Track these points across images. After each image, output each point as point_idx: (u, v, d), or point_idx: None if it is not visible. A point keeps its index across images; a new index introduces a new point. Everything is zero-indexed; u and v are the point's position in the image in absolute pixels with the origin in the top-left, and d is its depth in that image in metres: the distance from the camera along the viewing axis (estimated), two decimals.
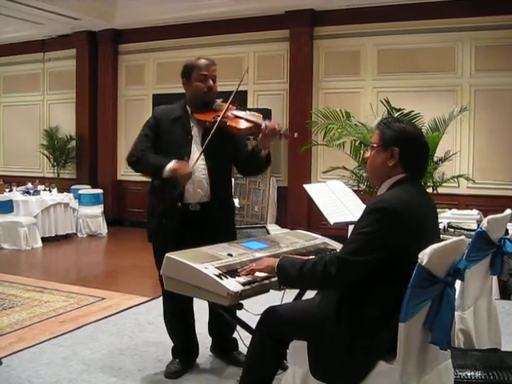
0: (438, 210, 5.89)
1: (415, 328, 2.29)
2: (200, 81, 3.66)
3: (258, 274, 2.73)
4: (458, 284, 2.73)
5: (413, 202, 2.46)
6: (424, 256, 2.19)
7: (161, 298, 5.35)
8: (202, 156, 3.59)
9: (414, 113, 6.31)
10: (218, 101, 3.75)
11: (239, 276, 2.73)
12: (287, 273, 2.56)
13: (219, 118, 3.54)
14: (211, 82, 3.67)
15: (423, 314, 2.31)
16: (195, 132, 3.71)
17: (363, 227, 2.42)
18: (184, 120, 3.72)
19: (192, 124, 3.72)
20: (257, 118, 3.64)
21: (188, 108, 3.75)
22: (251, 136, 3.85)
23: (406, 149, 2.55)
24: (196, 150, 3.64)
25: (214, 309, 3.85)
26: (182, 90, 3.79)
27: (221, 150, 3.62)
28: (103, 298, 5.87)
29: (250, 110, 3.81)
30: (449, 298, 2.33)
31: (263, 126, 3.50)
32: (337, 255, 2.43)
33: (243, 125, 3.59)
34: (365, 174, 6.07)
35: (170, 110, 3.81)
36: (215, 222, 3.69)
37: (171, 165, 3.49)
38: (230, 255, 2.96)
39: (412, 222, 2.38)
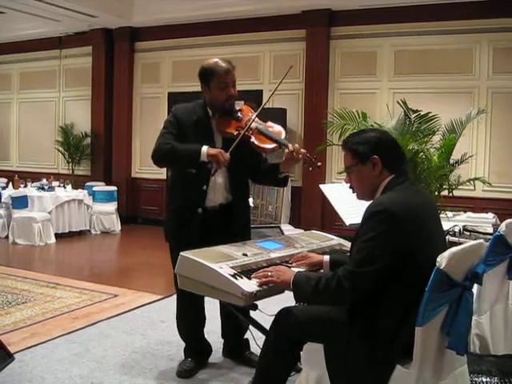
0: (454, 213, 5.87)
1: (432, 332, 2.27)
2: (220, 89, 3.54)
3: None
4: (474, 288, 2.69)
5: (410, 200, 2.47)
6: (442, 259, 2.17)
7: (174, 296, 5.36)
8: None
9: (430, 114, 6.26)
10: (240, 104, 3.70)
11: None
12: (302, 290, 2.56)
13: (242, 132, 3.48)
14: (232, 91, 3.58)
15: (440, 318, 2.28)
16: (217, 137, 3.66)
17: (365, 234, 2.41)
18: (206, 124, 3.65)
19: (214, 129, 3.66)
20: (279, 135, 3.59)
21: (209, 110, 3.68)
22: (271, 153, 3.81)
23: (383, 153, 2.58)
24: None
25: (226, 311, 3.83)
26: (198, 89, 3.75)
27: (240, 157, 3.56)
28: (116, 295, 5.88)
29: (266, 109, 3.74)
30: (467, 303, 2.31)
31: (290, 148, 3.45)
32: (347, 269, 2.41)
33: (268, 145, 3.53)
34: None
35: (191, 111, 3.71)
36: (231, 220, 3.69)
37: (207, 148, 3.44)
38: (245, 255, 2.94)
39: (411, 220, 2.38)
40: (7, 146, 13.14)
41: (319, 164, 3.55)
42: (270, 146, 3.53)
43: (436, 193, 5.99)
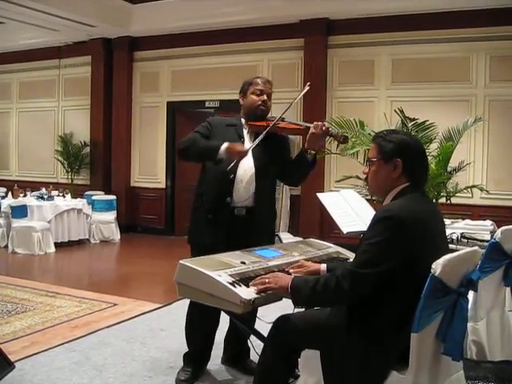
0: (452, 221, 5.90)
1: (428, 338, 2.29)
2: (255, 94, 3.83)
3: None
4: (470, 295, 2.72)
5: (419, 210, 2.48)
6: (437, 266, 2.19)
7: (173, 305, 5.38)
8: (252, 158, 3.73)
9: (428, 122, 6.29)
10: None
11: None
12: (300, 293, 2.56)
13: (272, 124, 3.68)
14: (265, 97, 3.84)
15: (436, 324, 2.31)
16: (247, 136, 3.85)
17: (372, 237, 2.43)
18: (237, 126, 3.88)
19: (244, 131, 3.87)
20: (306, 122, 3.85)
21: (242, 119, 3.91)
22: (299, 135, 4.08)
23: (408, 159, 2.58)
24: (248, 153, 3.71)
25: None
26: (197, 98, 3.86)
27: (269, 155, 3.77)
28: (115, 304, 5.89)
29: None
30: (461, 309, 2.33)
31: (314, 124, 3.62)
32: (348, 269, 2.43)
33: (294, 126, 3.83)
34: None
35: (225, 119, 4.00)
36: (257, 229, 3.75)
37: (226, 145, 3.60)
38: (244, 263, 2.96)
39: (419, 229, 2.39)
40: (6, 155, 13.16)
41: (345, 135, 3.73)
42: (296, 126, 3.84)
43: (434, 200, 6.02)
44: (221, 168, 3.65)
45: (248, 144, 3.76)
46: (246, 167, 3.74)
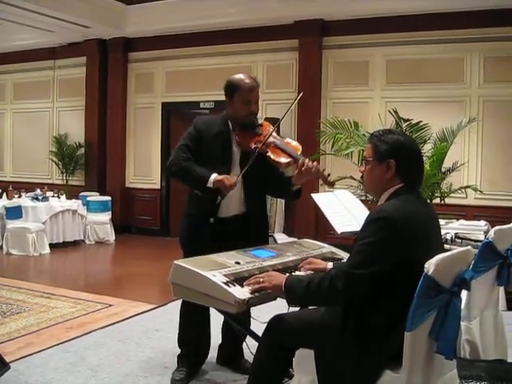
0: (446, 221, 5.92)
1: (421, 337, 2.30)
2: (243, 104, 3.67)
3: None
4: (464, 294, 2.72)
5: (412, 210, 2.49)
6: (430, 266, 2.20)
7: (168, 305, 5.38)
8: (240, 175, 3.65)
9: (422, 123, 6.32)
10: (260, 119, 3.83)
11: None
12: (294, 292, 2.57)
13: (260, 146, 3.56)
14: (253, 108, 3.70)
15: (429, 323, 2.31)
16: (236, 151, 3.74)
17: (365, 238, 2.43)
18: (226, 136, 3.75)
19: (233, 142, 3.74)
20: (295, 150, 3.68)
21: (229, 123, 3.78)
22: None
23: (401, 160, 2.58)
24: (235, 169, 3.69)
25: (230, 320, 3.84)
26: (191, 99, 3.84)
27: (257, 171, 3.64)
28: (110, 305, 5.89)
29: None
30: (455, 308, 2.34)
31: (300, 162, 3.54)
32: (342, 269, 2.44)
33: (283, 159, 3.62)
34: None
35: (212, 123, 3.82)
36: (251, 229, 3.74)
37: (215, 176, 3.54)
38: (238, 263, 2.96)
39: (412, 230, 2.40)
40: (1, 156, 13.15)
41: (332, 180, 3.62)
42: (285, 160, 3.62)
43: (428, 201, 6.04)
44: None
45: (237, 159, 3.72)
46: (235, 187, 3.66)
